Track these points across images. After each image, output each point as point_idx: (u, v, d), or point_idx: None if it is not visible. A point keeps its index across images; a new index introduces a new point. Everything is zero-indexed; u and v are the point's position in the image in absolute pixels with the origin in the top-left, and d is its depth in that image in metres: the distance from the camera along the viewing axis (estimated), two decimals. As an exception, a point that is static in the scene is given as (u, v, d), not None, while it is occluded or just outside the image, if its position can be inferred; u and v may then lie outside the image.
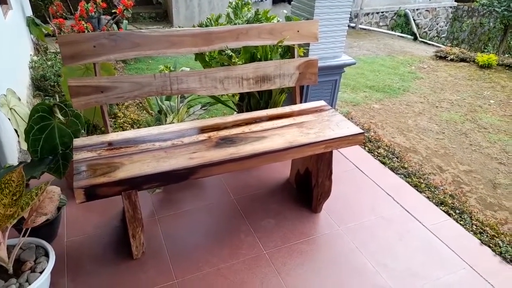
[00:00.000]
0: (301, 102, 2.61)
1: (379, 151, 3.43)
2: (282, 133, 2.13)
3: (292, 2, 2.95)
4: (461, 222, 2.58)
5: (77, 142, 2.02)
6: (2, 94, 2.35)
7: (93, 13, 5.76)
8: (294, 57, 2.53)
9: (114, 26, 6.05)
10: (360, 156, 3.18)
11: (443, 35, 10.86)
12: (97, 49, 2.04)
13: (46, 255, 1.83)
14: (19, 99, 2.54)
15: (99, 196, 1.74)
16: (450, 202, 2.82)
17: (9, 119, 2.31)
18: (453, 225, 2.48)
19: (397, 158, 3.40)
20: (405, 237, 2.31)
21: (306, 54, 2.85)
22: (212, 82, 2.31)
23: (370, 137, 3.71)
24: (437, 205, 2.69)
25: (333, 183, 2.38)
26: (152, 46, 2.17)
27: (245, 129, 2.17)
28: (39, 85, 4.19)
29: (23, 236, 1.77)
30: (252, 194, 2.60)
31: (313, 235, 2.27)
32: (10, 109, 2.37)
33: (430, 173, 3.42)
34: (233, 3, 2.81)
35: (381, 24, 9.93)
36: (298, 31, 2.45)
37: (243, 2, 2.83)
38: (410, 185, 2.90)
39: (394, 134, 4.19)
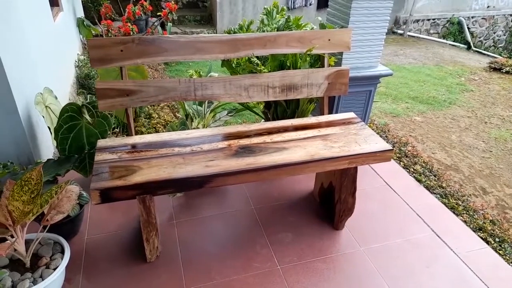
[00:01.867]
0: (329, 113, 2.51)
1: (415, 168, 3.24)
2: (304, 145, 2.05)
3: (327, 9, 2.85)
4: (501, 252, 2.36)
5: (101, 143, 2.06)
6: (38, 92, 2.47)
7: (140, 15, 5.96)
8: (324, 66, 2.43)
9: (159, 28, 6.23)
10: (393, 171, 3.00)
11: (500, 45, 10.13)
12: (124, 53, 2.08)
13: (63, 252, 1.87)
14: (56, 98, 2.65)
15: (114, 199, 1.76)
16: (489, 228, 2.59)
17: (43, 116, 2.42)
18: (491, 254, 2.26)
19: (434, 176, 3.19)
20: (432, 264, 2.13)
21: (338, 63, 2.74)
22: (236, 89, 2.27)
23: (406, 151, 3.50)
24: (474, 231, 2.47)
25: (360, 200, 2.26)
26: (178, 52, 2.18)
27: (267, 138, 2.11)
28: (83, 83, 4.39)
29: (42, 231, 1.83)
30: (273, 205, 2.53)
31: (332, 254, 2.17)
32: (46, 107, 2.48)
33: (470, 195, 3.17)
34: (267, 9, 2.76)
35: (431, 31, 9.45)
36: (329, 40, 2.36)
37: (278, 9, 2.78)
38: (446, 206, 2.69)
39: (435, 150, 3.94)
